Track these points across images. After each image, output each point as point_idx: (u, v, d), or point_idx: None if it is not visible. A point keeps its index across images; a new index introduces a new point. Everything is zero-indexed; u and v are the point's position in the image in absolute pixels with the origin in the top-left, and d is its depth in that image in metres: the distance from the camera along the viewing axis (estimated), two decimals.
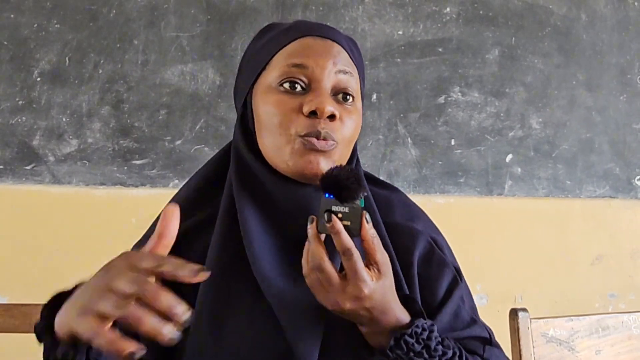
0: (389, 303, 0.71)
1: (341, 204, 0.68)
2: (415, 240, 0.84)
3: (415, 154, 1.88)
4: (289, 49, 0.80)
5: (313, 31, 0.81)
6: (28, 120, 1.69)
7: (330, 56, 0.79)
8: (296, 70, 0.78)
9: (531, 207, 1.97)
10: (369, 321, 0.71)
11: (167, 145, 1.74)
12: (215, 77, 1.78)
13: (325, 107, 0.75)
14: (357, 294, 0.68)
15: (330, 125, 0.76)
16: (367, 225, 0.69)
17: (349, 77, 0.80)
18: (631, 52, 2.08)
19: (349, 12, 1.87)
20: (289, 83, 0.78)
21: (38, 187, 1.69)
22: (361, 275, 0.68)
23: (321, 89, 0.78)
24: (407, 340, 0.71)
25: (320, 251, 0.69)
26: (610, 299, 2.01)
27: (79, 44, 1.72)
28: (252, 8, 1.81)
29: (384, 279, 0.70)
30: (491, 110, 1.95)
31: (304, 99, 0.77)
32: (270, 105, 0.79)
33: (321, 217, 0.69)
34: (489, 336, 0.84)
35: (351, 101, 0.80)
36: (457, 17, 1.94)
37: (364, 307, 0.69)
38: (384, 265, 0.71)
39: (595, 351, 1.17)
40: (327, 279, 0.69)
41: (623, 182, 2.05)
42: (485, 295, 1.89)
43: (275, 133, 0.78)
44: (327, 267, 0.68)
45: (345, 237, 0.67)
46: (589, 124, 2.03)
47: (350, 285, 0.68)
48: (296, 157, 0.76)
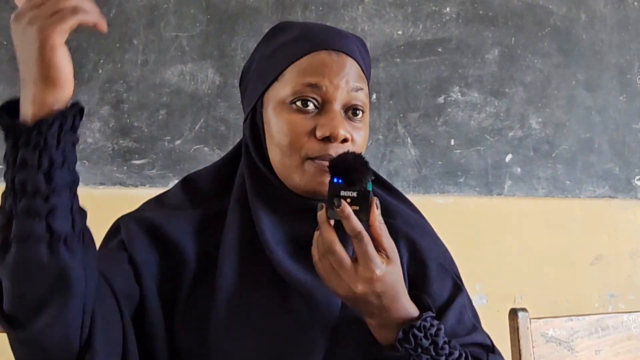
0: (398, 292, 0.72)
1: (349, 188, 0.70)
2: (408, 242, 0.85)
3: (415, 154, 1.88)
4: (303, 64, 0.79)
5: (327, 44, 0.80)
6: None
7: (344, 74, 0.79)
8: (310, 89, 0.78)
9: (531, 207, 1.97)
10: (379, 309, 0.72)
11: (166, 145, 1.74)
12: (215, 77, 1.78)
13: (339, 132, 0.76)
14: (369, 276, 0.69)
15: (342, 147, 0.77)
16: (375, 210, 0.70)
17: (360, 94, 0.80)
18: (631, 52, 2.08)
19: (348, 12, 1.87)
20: (302, 102, 0.78)
21: None
22: (372, 257, 0.69)
23: (334, 110, 0.78)
24: (416, 334, 0.71)
25: (332, 235, 0.70)
26: (609, 298, 2.01)
27: (79, 43, 1.72)
28: (251, 8, 1.81)
29: (394, 265, 0.71)
30: (491, 110, 1.95)
31: (316, 120, 0.77)
32: (282, 124, 0.78)
33: (330, 202, 0.70)
34: (491, 344, 0.85)
35: (361, 116, 0.80)
36: (456, 17, 1.94)
37: (375, 292, 0.70)
38: (392, 252, 0.72)
39: (594, 351, 1.18)
40: (339, 262, 0.69)
41: (622, 182, 2.05)
42: (485, 295, 1.89)
43: (286, 152, 0.78)
44: (338, 249, 0.69)
45: (355, 221, 0.68)
46: (589, 124, 2.03)
47: (361, 266, 0.69)
48: (308, 177, 0.77)
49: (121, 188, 1.71)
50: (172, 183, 1.75)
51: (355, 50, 0.83)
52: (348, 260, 0.69)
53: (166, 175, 1.73)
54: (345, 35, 0.84)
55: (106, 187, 1.71)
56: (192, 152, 1.75)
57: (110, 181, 1.71)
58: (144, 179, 1.72)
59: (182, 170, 1.74)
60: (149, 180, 1.72)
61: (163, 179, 1.73)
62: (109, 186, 1.71)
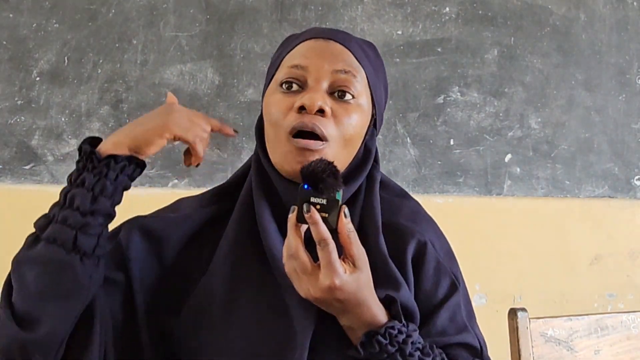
0: (364, 298, 0.72)
1: (319, 195, 0.70)
2: (410, 239, 0.84)
3: (414, 154, 1.88)
4: (293, 52, 0.83)
5: (318, 35, 0.84)
6: (27, 120, 1.69)
7: (329, 55, 0.81)
8: (295, 71, 0.80)
9: (530, 207, 1.97)
10: (342, 313, 0.73)
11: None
12: (214, 77, 1.78)
13: (314, 102, 0.77)
14: (328, 284, 0.69)
15: (320, 120, 0.78)
16: (344, 219, 0.71)
17: (349, 77, 0.81)
18: (630, 52, 2.08)
19: (348, 12, 1.87)
20: (287, 84, 0.81)
21: (37, 187, 1.69)
22: (333, 266, 0.69)
23: (315, 86, 0.79)
24: (380, 340, 0.71)
25: (297, 240, 0.71)
26: (609, 298, 2.02)
27: (78, 43, 1.72)
28: (251, 8, 1.81)
29: (359, 273, 0.71)
30: (490, 110, 1.95)
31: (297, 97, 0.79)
32: (269, 106, 0.82)
33: (300, 207, 0.70)
34: (480, 347, 0.84)
35: (350, 99, 0.81)
36: (456, 17, 1.94)
37: (335, 298, 0.70)
38: (359, 260, 0.72)
39: (594, 351, 1.18)
40: (301, 267, 0.71)
41: (622, 182, 2.05)
42: (484, 295, 1.89)
43: (271, 132, 0.81)
44: (301, 255, 0.70)
45: (321, 228, 0.69)
46: (588, 124, 2.03)
47: (322, 274, 0.69)
48: (289, 158, 0.79)
49: None
50: (172, 183, 1.76)
51: (350, 42, 0.84)
52: (309, 266, 0.70)
53: (166, 175, 1.73)
54: (345, 33, 0.86)
55: None
56: None
57: None
58: (143, 179, 1.71)
59: (181, 170, 1.73)
60: (149, 180, 1.72)
61: (163, 179, 1.73)
62: None
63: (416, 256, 0.84)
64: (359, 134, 0.83)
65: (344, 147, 0.81)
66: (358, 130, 0.82)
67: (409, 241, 0.84)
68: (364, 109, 0.83)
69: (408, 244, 0.84)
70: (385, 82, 0.91)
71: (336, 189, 0.71)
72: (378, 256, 0.80)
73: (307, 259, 0.70)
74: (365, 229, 0.82)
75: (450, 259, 0.89)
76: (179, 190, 1.71)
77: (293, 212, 0.71)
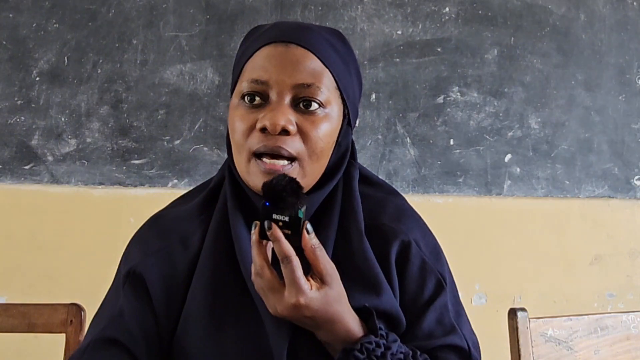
0: (336, 313, 0.71)
1: (281, 212, 0.69)
2: (394, 240, 0.82)
3: (414, 154, 1.88)
4: (253, 61, 0.79)
5: (275, 37, 0.78)
6: (27, 120, 1.69)
7: (289, 66, 0.76)
8: (255, 85, 0.77)
9: (530, 207, 1.97)
10: (315, 328, 0.72)
11: (165, 145, 1.74)
12: (214, 76, 1.78)
13: (276, 122, 0.74)
14: (294, 302, 0.68)
15: (285, 141, 0.75)
16: (307, 235, 0.69)
17: (312, 89, 0.76)
18: (630, 52, 2.08)
19: (347, 12, 1.87)
20: (249, 97, 0.77)
21: (37, 187, 1.69)
22: (297, 283, 0.67)
23: (277, 102, 0.76)
24: (357, 356, 0.70)
25: (260, 257, 0.69)
26: (608, 298, 2.02)
27: (78, 43, 1.72)
28: (251, 8, 1.81)
29: (327, 289, 0.70)
30: (490, 110, 1.95)
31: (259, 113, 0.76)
32: (233, 121, 0.79)
33: (262, 224, 0.69)
34: (468, 348, 0.81)
35: (316, 108, 0.77)
36: (456, 17, 1.94)
37: (303, 315, 0.69)
38: (327, 275, 0.70)
39: (594, 351, 1.18)
40: (267, 285, 0.69)
41: (622, 182, 2.05)
42: (484, 295, 1.89)
43: (236, 150, 0.79)
44: (266, 273, 0.69)
45: (284, 245, 0.67)
46: (588, 124, 2.03)
47: (287, 292, 0.68)
48: (253, 177, 0.76)
49: (120, 188, 1.71)
50: (171, 183, 1.76)
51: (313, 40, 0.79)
52: (275, 284, 0.69)
53: (165, 175, 1.73)
54: (306, 28, 0.81)
55: (105, 186, 1.70)
56: (191, 152, 1.75)
57: (109, 181, 1.70)
58: (143, 179, 1.72)
59: (181, 170, 1.73)
60: (148, 180, 1.72)
61: (162, 179, 1.73)
62: (108, 186, 1.70)
63: (400, 257, 0.82)
64: (329, 143, 0.80)
65: (315, 161, 0.78)
66: (328, 140, 0.79)
67: (392, 242, 0.82)
68: (333, 116, 0.79)
69: (392, 246, 0.81)
70: (357, 72, 0.86)
71: (297, 207, 0.69)
72: (360, 260, 0.78)
73: (272, 277, 0.69)
74: (348, 231, 0.80)
75: (437, 258, 0.86)
76: (179, 191, 1.71)
77: (255, 229, 0.69)
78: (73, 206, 1.70)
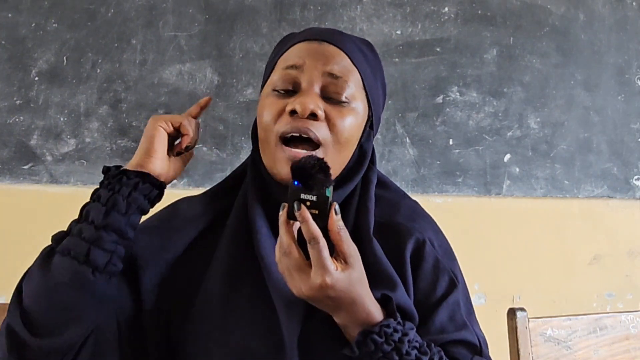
0: (358, 296, 0.71)
1: (309, 192, 0.70)
2: (409, 238, 0.84)
3: (414, 154, 1.88)
4: (288, 53, 0.83)
5: (313, 36, 0.83)
6: (26, 119, 1.69)
7: (321, 57, 0.81)
8: (288, 71, 0.81)
9: (529, 206, 1.97)
10: (336, 311, 0.72)
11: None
12: (213, 76, 1.78)
13: (306, 106, 0.77)
14: (319, 282, 0.68)
15: (313, 124, 0.78)
16: (334, 216, 0.70)
17: (341, 82, 0.80)
18: (629, 52, 2.08)
19: (347, 12, 1.87)
20: (281, 85, 0.81)
21: (36, 187, 1.68)
22: (324, 264, 0.68)
23: (307, 89, 0.79)
24: (375, 339, 0.71)
25: (288, 237, 0.70)
26: (608, 298, 2.02)
27: (77, 43, 1.72)
28: (250, 8, 1.81)
29: (351, 271, 0.71)
30: (489, 110, 1.95)
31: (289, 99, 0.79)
32: (262, 108, 0.82)
33: (291, 204, 0.70)
34: (479, 345, 0.83)
35: (344, 100, 0.80)
36: (455, 16, 1.94)
37: (327, 296, 0.70)
38: (351, 257, 0.71)
39: (593, 351, 1.18)
40: (294, 264, 0.70)
41: (621, 182, 2.05)
42: (484, 294, 1.89)
43: (263, 136, 0.82)
44: (293, 252, 0.70)
45: (312, 225, 0.69)
46: (587, 124, 2.03)
47: (313, 272, 0.69)
48: (279, 164, 0.79)
49: None
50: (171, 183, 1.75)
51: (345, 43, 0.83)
52: (302, 264, 0.70)
53: None
54: (340, 33, 0.85)
55: None
56: None
57: None
58: None
59: None
60: None
61: None
62: None
63: (414, 255, 0.84)
64: (354, 136, 0.83)
65: (339, 151, 0.81)
66: (353, 133, 0.82)
67: (407, 240, 0.84)
68: (359, 112, 0.82)
69: (406, 243, 0.83)
70: (383, 82, 0.91)
71: (326, 185, 0.70)
72: (373, 257, 0.79)
73: (300, 257, 0.70)
74: (360, 230, 0.82)
75: (450, 257, 0.89)
76: (179, 191, 1.71)
77: (283, 210, 0.71)
78: (72, 206, 1.69)
